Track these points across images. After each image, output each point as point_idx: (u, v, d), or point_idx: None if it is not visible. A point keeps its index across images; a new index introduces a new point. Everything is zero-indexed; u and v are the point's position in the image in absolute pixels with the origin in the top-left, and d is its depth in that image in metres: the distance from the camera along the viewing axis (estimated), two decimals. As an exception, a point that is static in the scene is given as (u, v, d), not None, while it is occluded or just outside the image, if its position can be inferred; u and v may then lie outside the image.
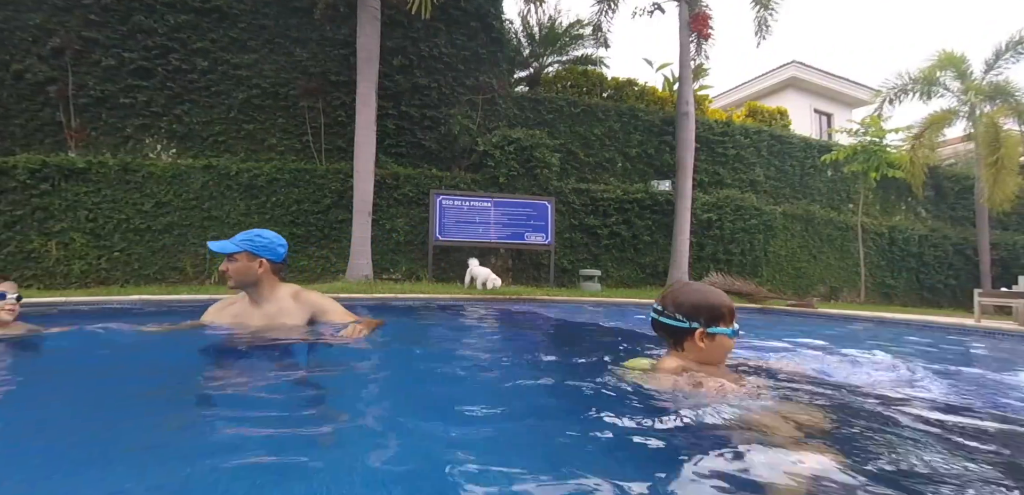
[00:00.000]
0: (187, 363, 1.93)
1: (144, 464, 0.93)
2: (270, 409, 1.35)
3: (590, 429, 1.16)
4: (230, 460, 0.93)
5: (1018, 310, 6.94)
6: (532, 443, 1.13)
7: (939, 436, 1.18)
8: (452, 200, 8.12)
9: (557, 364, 2.28)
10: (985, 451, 1.13)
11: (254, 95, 8.42)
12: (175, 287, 6.57)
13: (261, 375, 1.71)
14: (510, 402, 1.56)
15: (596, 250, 9.51)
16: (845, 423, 1.24)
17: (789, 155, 12.17)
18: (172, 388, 1.56)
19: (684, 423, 1.14)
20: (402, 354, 2.35)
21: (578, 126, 10.52)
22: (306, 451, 1.00)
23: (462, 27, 9.35)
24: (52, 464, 0.93)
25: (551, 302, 6.11)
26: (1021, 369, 2.65)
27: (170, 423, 1.19)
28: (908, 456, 1.05)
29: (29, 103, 7.57)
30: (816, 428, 1.14)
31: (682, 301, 1.50)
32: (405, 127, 9.04)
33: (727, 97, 19.18)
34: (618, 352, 2.38)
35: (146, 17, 7.90)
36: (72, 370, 1.80)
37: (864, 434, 1.20)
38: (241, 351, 2.03)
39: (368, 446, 1.07)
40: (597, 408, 1.30)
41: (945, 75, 12.12)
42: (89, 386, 1.56)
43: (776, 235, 10.44)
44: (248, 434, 1.12)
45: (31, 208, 6.80)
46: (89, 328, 2.30)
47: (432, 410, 1.39)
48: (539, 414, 1.39)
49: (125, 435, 1.10)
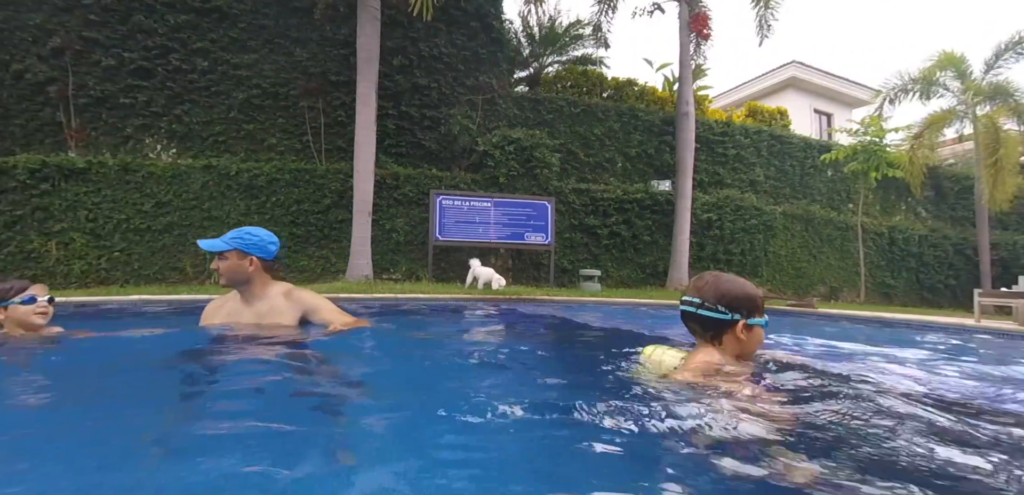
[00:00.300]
0: (173, 363, 1.91)
1: (120, 466, 0.92)
2: (250, 410, 1.33)
3: (624, 441, 1.10)
4: (207, 465, 0.91)
5: (1018, 310, 6.94)
6: (559, 455, 1.09)
7: (938, 435, 1.18)
8: (452, 200, 8.12)
9: (575, 363, 2.25)
10: (984, 451, 1.13)
11: (254, 95, 8.42)
12: (175, 287, 6.57)
13: (246, 377, 1.70)
14: (522, 405, 1.54)
15: (596, 250, 9.51)
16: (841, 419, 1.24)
17: (789, 155, 12.18)
18: (155, 387, 1.56)
19: (737, 433, 1.09)
20: (393, 355, 2.34)
21: (578, 126, 10.52)
22: (286, 455, 0.99)
23: (462, 27, 9.36)
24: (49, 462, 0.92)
25: (551, 302, 6.11)
26: (1021, 369, 2.65)
27: (148, 425, 1.18)
28: (906, 455, 1.05)
29: (29, 103, 7.57)
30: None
31: (725, 292, 1.43)
32: (405, 127, 9.04)
33: (727, 97, 19.19)
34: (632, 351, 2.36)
35: (146, 17, 7.91)
36: (76, 371, 1.80)
37: (861, 430, 1.20)
38: (229, 351, 2.01)
39: (357, 447, 1.07)
40: (621, 417, 1.24)
41: (945, 75, 12.13)
42: (83, 387, 1.56)
43: (776, 235, 10.44)
44: (226, 434, 1.10)
45: (31, 208, 6.80)
46: (118, 333, 2.29)
47: (427, 413, 1.38)
48: (556, 423, 1.32)
49: (106, 436, 1.09)
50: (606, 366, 1.88)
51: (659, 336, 3.35)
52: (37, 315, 2.10)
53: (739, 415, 1.14)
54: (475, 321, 4.05)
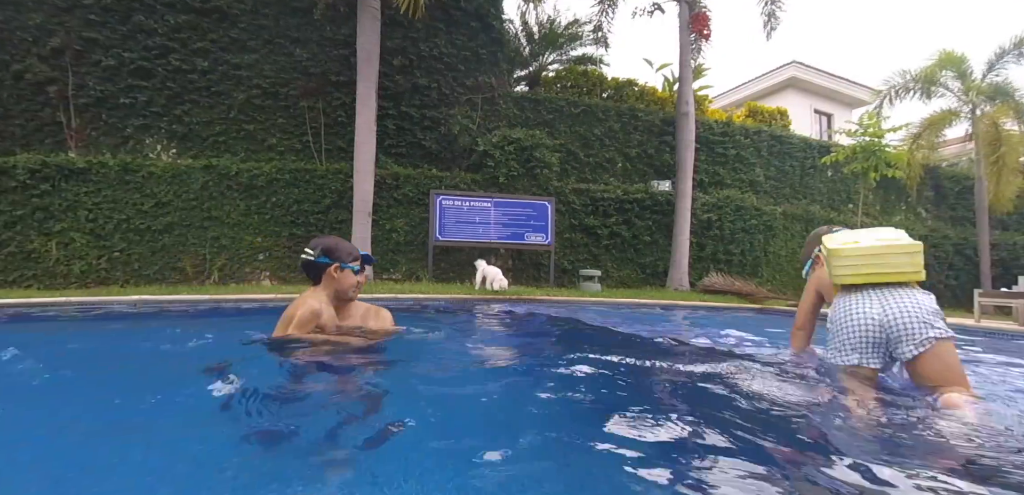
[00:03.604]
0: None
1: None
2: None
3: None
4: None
5: (1018, 310, 6.94)
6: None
7: (936, 434, 1.18)
8: (452, 200, 8.12)
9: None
10: (983, 448, 1.13)
11: (254, 95, 8.42)
12: (175, 287, 6.57)
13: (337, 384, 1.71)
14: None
15: (596, 250, 9.50)
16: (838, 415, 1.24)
17: (789, 155, 12.17)
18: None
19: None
20: (427, 357, 2.37)
21: (578, 126, 10.51)
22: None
23: (462, 27, 9.35)
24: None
25: (552, 302, 6.11)
26: (1021, 369, 2.64)
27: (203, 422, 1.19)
28: (905, 451, 1.05)
29: (29, 103, 7.57)
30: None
31: None
32: (405, 127, 9.04)
33: (727, 97, 19.18)
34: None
35: (146, 17, 7.90)
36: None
37: (858, 427, 1.20)
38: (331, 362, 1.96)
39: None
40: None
41: (945, 75, 12.12)
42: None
43: (776, 235, 10.43)
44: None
45: (31, 208, 6.80)
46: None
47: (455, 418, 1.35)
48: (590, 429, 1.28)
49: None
50: (638, 369, 1.87)
51: (660, 335, 3.34)
52: (354, 287, 2.15)
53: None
54: (488, 321, 4.04)
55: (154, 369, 2.02)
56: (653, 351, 2.60)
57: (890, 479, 0.88)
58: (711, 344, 3.03)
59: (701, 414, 1.21)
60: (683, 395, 1.60)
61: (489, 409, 1.44)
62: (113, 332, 3.42)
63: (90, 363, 2.16)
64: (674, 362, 2.12)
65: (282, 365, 1.79)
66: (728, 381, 1.72)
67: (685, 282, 9.19)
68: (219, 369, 1.65)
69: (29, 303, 4.61)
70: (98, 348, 2.75)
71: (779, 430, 1.13)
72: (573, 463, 1.04)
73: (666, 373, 1.90)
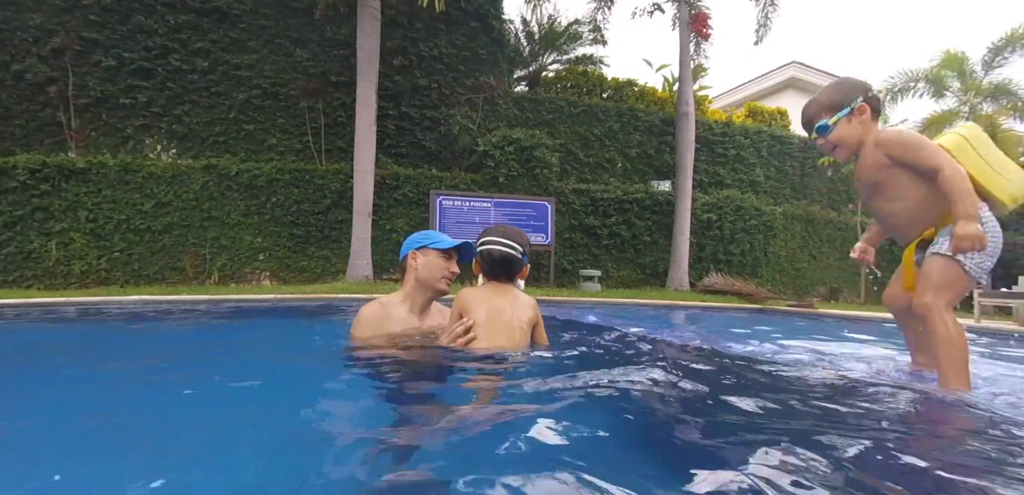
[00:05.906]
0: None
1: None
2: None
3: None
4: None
5: (1018, 310, 6.94)
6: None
7: (936, 433, 1.18)
8: (452, 200, 8.12)
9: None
10: (982, 449, 1.13)
11: (254, 95, 8.42)
12: (175, 287, 6.57)
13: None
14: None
15: (596, 250, 9.51)
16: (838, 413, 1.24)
17: (789, 155, 12.18)
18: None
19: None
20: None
21: (578, 126, 10.52)
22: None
23: (462, 27, 9.36)
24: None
25: (552, 302, 6.11)
26: (1020, 369, 2.65)
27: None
28: (903, 451, 1.05)
29: (29, 103, 7.57)
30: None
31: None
32: (405, 127, 9.04)
33: (727, 97, 19.20)
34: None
35: (146, 17, 7.91)
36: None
37: (856, 426, 1.20)
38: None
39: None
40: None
41: (946, 75, 12.14)
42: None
43: (776, 235, 10.44)
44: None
45: (31, 208, 6.80)
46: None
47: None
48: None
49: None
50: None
51: (658, 335, 3.32)
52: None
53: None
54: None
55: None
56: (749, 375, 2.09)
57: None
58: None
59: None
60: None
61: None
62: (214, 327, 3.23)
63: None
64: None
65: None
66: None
67: (685, 282, 9.19)
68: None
69: (30, 304, 4.61)
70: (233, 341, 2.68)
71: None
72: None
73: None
